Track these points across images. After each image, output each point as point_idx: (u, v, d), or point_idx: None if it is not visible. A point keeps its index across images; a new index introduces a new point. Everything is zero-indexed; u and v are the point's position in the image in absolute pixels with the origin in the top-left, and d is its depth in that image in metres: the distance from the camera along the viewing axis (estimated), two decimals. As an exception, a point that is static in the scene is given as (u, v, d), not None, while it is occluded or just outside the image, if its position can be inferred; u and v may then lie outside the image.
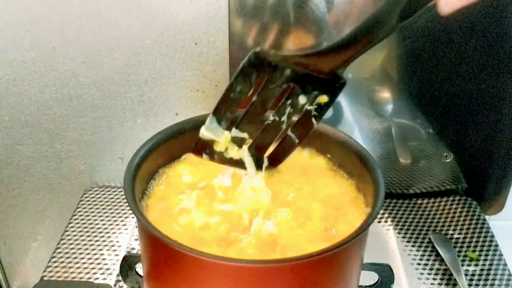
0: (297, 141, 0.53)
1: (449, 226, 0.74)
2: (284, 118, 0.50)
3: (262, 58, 0.46)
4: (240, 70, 0.47)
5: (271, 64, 0.46)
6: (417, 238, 0.72)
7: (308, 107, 0.50)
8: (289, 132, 0.52)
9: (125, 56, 0.70)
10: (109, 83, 0.72)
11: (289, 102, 0.49)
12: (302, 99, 0.49)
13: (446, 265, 0.67)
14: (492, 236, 0.72)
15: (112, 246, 0.70)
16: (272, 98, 0.48)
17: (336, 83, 0.48)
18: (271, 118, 0.50)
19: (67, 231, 0.72)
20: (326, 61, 0.47)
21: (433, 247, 0.70)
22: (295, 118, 0.51)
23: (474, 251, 0.70)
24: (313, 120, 0.51)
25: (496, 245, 0.71)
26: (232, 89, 0.48)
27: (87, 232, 0.72)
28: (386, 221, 0.75)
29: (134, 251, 0.69)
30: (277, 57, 0.47)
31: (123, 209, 0.76)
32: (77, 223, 0.73)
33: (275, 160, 0.55)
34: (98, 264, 0.67)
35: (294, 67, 0.47)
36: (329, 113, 0.71)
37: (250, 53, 0.46)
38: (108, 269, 0.66)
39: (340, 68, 0.47)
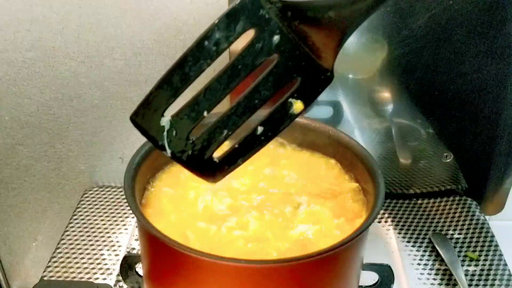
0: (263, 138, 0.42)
1: (449, 226, 0.74)
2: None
3: (259, 5, 0.36)
4: (228, 12, 0.37)
5: (264, 17, 0.36)
6: (417, 238, 0.72)
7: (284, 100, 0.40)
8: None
9: (125, 56, 0.70)
10: (109, 83, 0.72)
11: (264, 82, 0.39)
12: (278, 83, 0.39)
13: (446, 265, 0.67)
14: (492, 236, 0.72)
15: (112, 246, 0.70)
16: (250, 68, 0.39)
17: (322, 76, 0.39)
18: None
19: (67, 231, 0.72)
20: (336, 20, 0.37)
21: (433, 247, 0.70)
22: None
23: (474, 251, 0.70)
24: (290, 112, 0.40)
25: (496, 245, 0.71)
26: (209, 36, 0.37)
27: (87, 232, 0.72)
28: (386, 221, 0.75)
29: (134, 251, 0.69)
30: (274, 9, 0.36)
31: (123, 209, 0.76)
32: (77, 223, 0.73)
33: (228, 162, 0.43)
34: (98, 264, 0.67)
35: (289, 32, 0.37)
36: (329, 113, 0.72)
37: None
38: (108, 269, 0.66)
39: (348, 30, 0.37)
